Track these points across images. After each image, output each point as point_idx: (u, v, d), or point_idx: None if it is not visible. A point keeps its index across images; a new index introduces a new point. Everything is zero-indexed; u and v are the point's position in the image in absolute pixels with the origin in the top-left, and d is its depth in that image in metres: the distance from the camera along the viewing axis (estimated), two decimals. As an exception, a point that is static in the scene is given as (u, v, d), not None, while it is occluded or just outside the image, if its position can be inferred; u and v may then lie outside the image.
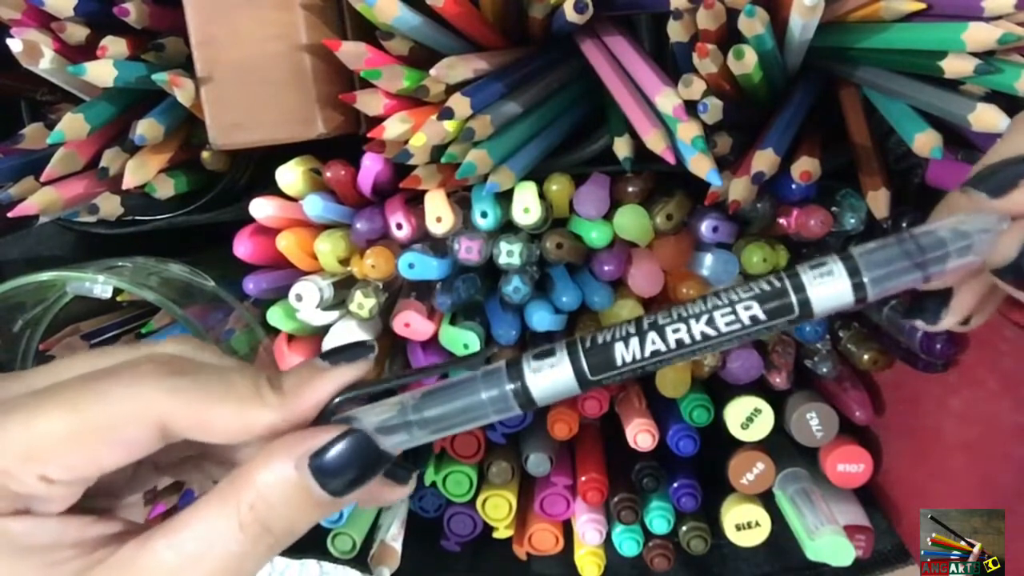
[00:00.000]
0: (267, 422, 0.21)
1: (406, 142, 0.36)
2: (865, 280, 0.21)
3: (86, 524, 0.21)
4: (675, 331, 0.21)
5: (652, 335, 0.22)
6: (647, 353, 0.22)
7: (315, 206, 0.39)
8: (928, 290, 0.24)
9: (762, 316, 0.21)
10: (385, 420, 0.22)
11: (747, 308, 0.21)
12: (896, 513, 0.48)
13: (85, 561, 0.21)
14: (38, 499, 0.21)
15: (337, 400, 0.22)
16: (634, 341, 0.22)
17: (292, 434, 0.21)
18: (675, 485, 0.49)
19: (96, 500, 0.23)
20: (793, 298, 0.21)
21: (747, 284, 0.22)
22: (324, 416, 0.22)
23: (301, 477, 0.21)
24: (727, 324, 0.21)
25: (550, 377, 0.22)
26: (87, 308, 0.50)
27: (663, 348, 0.22)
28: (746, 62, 0.34)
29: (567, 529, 0.51)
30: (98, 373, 0.21)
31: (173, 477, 0.26)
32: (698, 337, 0.21)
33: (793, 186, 0.39)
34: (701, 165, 0.36)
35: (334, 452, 0.21)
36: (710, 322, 0.21)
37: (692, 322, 0.21)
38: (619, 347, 0.22)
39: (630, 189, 0.42)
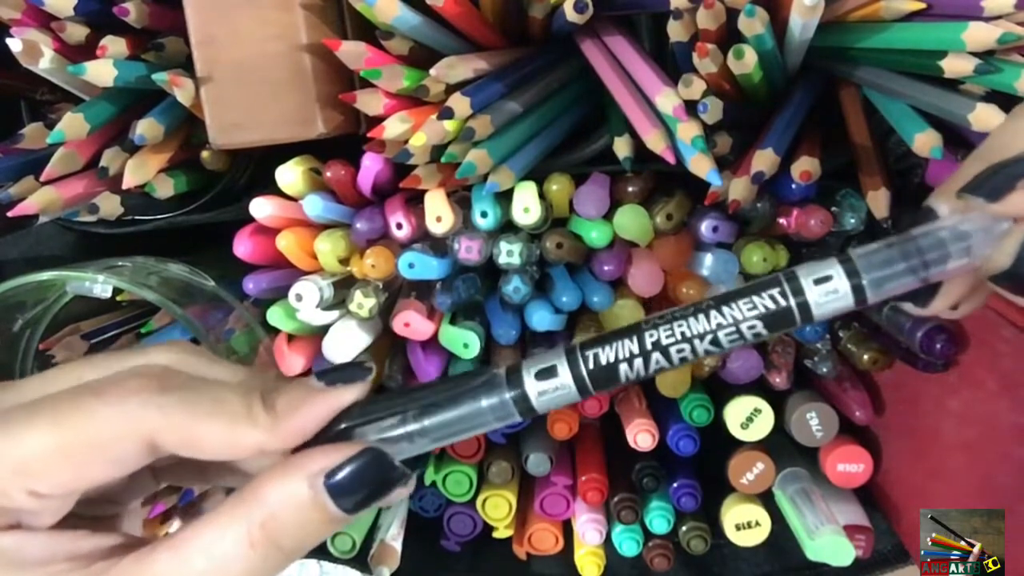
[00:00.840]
0: (257, 442, 0.21)
1: (406, 142, 0.36)
2: (864, 282, 0.21)
3: (80, 537, 0.21)
4: (679, 352, 0.22)
5: (656, 355, 0.22)
6: (650, 371, 0.22)
7: (315, 206, 0.39)
8: None
9: (764, 332, 0.22)
10: (386, 430, 0.22)
11: (751, 327, 0.21)
12: (896, 513, 0.48)
13: (81, 575, 0.20)
14: (28, 513, 0.20)
15: (342, 427, 0.22)
16: (638, 361, 0.22)
17: (305, 452, 0.21)
18: (675, 485, 0.49)
19: (94, 508, 0.23)
20: (795, 309, 0.21)
21: (750, 298, 0.21)
22: (324, 432, 0.22)
23: (315, 495, 0.21)
24: (730, 342, 0.22)
25: (550, 387, 0.22)
26: (87, 308, 0.50)
27: (667, 365, 0.22)
28: (746, 62, 0.34)
29: (567, 529, 0.51)
30: (86, 388, 0.21)
31: (173, 483, 0.26)
32: (701, 354, 0.22)
33: (793, 186, 0.39)
34: (701, 165, 0.36)
35: (349, 471, 0.21)
36: (714, 342, 0.22)
37: (696, 342, 0.22)
38: (623, 368, 0.22)
39: (630, 189, 0.42)
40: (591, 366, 0.22)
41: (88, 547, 0.21)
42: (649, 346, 0.22)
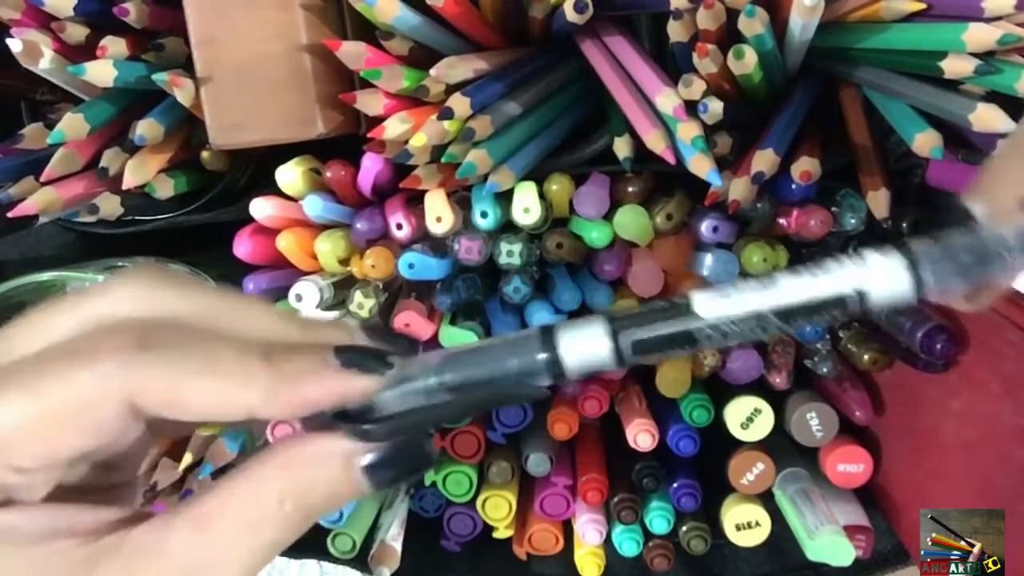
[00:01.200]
0: (249, 404, 0.19)
1: (406, 142, 0.36)
2: (926, 277, 0.20)
3: (82, 511, 0.20)
4: (735, 338, 0.20)
5: (710, 345, 0.21)
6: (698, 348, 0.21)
7: (315, 206, 0.39)
8: None
9: (823, 326, 0.21)
10: (403, 379, 0.21)
11: (813, 325, 0.21)
12: (896, 513, 0.48)
13: (88, 550, 0.19)
14: (16, 488, 0.20)
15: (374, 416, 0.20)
16: (688, 348, 0.21)
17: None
18: (675, 485, 0.49)
19: (93, 478, 0.22)
20: (856, 300, 0.20)
21: (813, 317, 0.20)
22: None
23: (350, 471, 0.20)
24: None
25: (586, 352, 0.20)
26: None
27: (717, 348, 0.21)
28: (746, 62, 0.34)
29: (567, 529, 0.51)
30: (58, 351, 0.19)
31: (168, 435, 0.25)
32: (750, 338, 0.21)
33: (793, 186, 0.39)
34: (701, 165, 0.36)
35: (385, 455, 0.20)
36: (766, 330, 0.20)
37: (749, 333, 0.20)
38: (674, 351, 0.20)
39: (630, 189, 0.42)
40: (637, 356, 0.20)
41: (91, 521, 0.20)
42: (699, 345, 0.20)
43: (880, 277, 0.20)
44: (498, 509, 0.49)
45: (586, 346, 0.20)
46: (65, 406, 0.19)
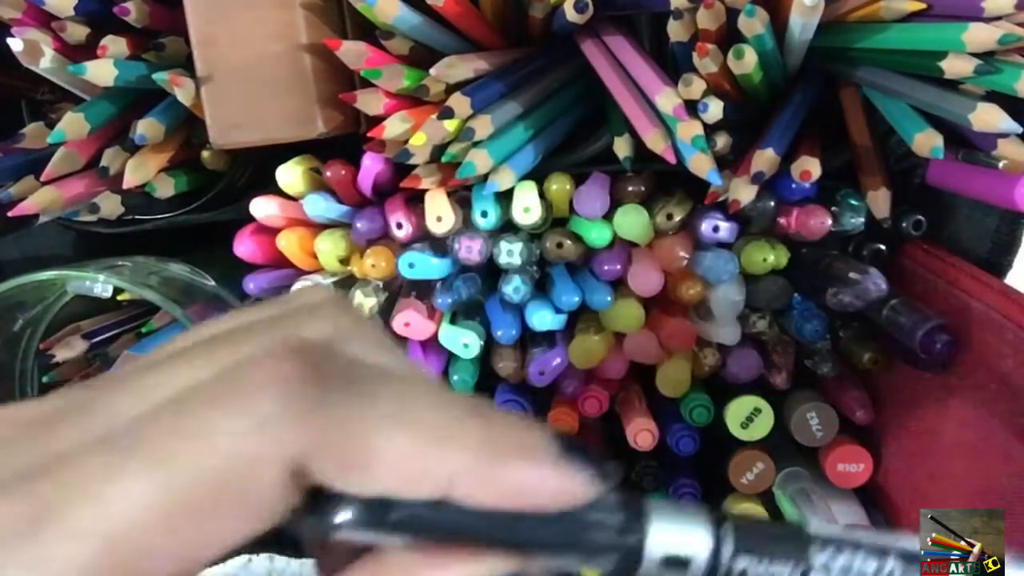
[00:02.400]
0: (450, 475, 0.14)
1: (406, 141, 0.36)
2: None
3: None
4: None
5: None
6: None
7: (315, 206, 0.39)
8: None
9: None
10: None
11: None
12: (895, 513, 0.48)
13: None
14: None
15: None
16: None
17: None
18: (675, 485, 0.49)
19: None
20: None
21: None
22: None
23: None
24: None
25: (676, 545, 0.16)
26: (87, 307, 0.50)
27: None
28: (746, 62, 0.34)
29: (567, 529, 0.51)
30: (200, 395, 0.14)
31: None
32: None
33: (793, 186, 0.39)
34: (701, 165, 0.36)
35: None
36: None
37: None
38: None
39: (630, 189, 0.42)
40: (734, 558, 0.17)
41: None
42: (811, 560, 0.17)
43: None
44: (498, 509, 0.49)
45: (678, 539, 0.16)
46: (205, 490, 0.13)
